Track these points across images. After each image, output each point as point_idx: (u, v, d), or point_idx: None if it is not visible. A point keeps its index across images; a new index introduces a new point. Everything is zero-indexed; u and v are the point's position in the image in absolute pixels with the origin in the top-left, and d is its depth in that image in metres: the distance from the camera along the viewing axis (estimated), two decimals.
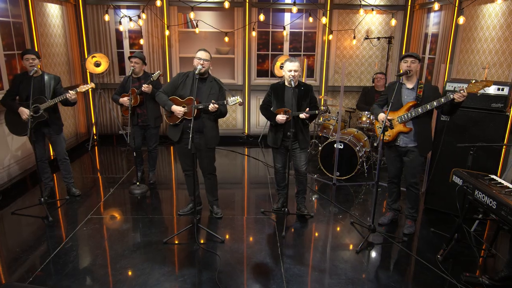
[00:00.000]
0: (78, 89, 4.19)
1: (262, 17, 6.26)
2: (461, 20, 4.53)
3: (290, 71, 3.77)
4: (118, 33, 6.78)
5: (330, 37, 6.80)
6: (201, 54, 3.67)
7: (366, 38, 6.66)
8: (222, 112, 3.77)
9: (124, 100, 4.64)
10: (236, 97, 3.58)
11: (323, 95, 7.04)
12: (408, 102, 3.61)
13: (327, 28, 6.81)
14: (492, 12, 4.65)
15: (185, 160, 3.96)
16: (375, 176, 5.16)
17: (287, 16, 6.81)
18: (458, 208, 3.25)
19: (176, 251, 3.47)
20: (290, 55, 6.88)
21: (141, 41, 6.62)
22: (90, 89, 4.37)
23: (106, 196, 4.62)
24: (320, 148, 5.45)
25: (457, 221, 3.37)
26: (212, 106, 3.56)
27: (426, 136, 3.66)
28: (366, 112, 5.59)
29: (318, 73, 7.14)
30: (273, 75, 7.02)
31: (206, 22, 6.71)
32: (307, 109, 3.79)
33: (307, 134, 4.03)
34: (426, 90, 3.61)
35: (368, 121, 5.52)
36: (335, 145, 5.10)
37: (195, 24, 6.72)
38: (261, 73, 7.16)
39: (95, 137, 6.95)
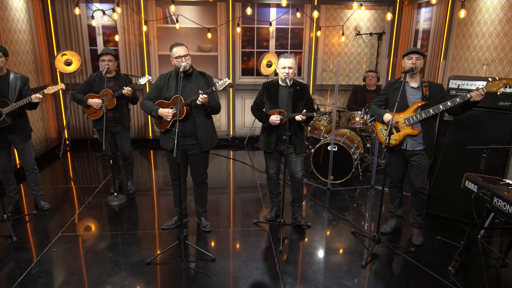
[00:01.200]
0: (45, 91, 3.71)
1: (249, 11, 5.87)
2: (462, 13, 4.31)
3: (284, 68, 3.44)
4: (91, 29, 6.25)
5: (318, 33, 6.51)
6: (180, 50, 3.28)
7: (357, 34, 6.39)
8: (214, 106, 3.39)
9: (95, 101, 4.17)
10: (224, 80, 3.21)
11: (311, 94, 6.73)
12: (416, 102, 3.33)
13: (314, 24, 6.51)
14: (490, 7, 4.46)
15: (176, 169, 3.56)
16: (372, 179, 4.97)
17: (273, 12, 6.47)
18: (463, 214, 3.03)
19: (161, 273, 3.06)
20: (276, 52, 6.54)
21: (116, 38, 6.12)
22: (60, 91, 3.88)
23: (80, 209, 4.14)
24: (312, 150, 5.14)
25: (468, 230, 3.13)
26: (201, 97, 3.17)
27: (432, 137, 3.41)
28: (359, 112, 5.32)
29: (306, 71, 6.83)
30: (259, 73, 6.66)
31: (186, 17, 6.28)
32: (304, 110, 3.47)
33: (302, 137, 3.71)
34: (432, 88, 3.35)
35: (361, 121, 5.25)
36: (328, 147, 4.80)
37: (175, 20, 6.28)
38: (246, 71, 6.79)
39: (67, 142, 6.39)
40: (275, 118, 3.46)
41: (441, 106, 3.19)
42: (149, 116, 6.69)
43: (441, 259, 3.29)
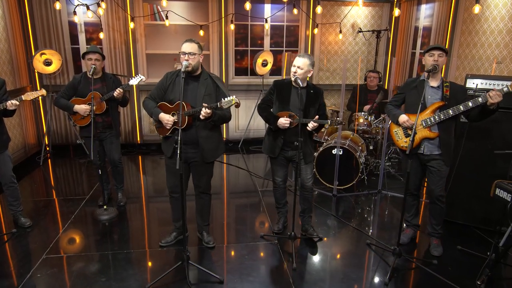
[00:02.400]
0: (23, 97, 3.29)
1: (248, 6, 5.51)
2: (477, 9, 4.10)
3: (294, 66, 3.15)
4: (72, 26, 5.78)
5: (316, 31, 6.23)
6: (186, 47, 2.93)
7: (359, 31, 6.14)
8: (221, 116, 3.03)
9: (83, 108, 3.77)
10: (231, 97, 2.87)
11: None
12: (434, 102, 3.09)
13: (311, 21, 6.24)
14: (499, 2, 4.27)
15: (173, 179, 3.20)
16: (379, 183, 4.73)
17: (267, 8, 6.15)
18: (479, 221, 2.80)
19: None
20: (271, 51, 6.23)
21: (101, 35, 5.67)
22: (40, 97, 3.44)
23: (65, 225, 3.72)
24: (315, 154, 4.86)
25: (494, 242, 2.91)
26: (204, 112, 2.83)
27: (450, 142, 3.16)
28: (363, 113, 5.07)
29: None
30: (253, 73, 6.34)
31: (177, 13, 5.89)
32: (316, 116, 3.17)
33: (312, 144, 3.43)
34: (453, 89, 3.11)
35: (365, 123, 5.00)
36: (333, 151, 4.53)
37: (163, 16, 5.88)
38: (240, 71, 6.46)
39: (47, 149, 5.91)
40: (284, 121, 3.16)
41: (461, 107, 2.95)
42: (141, 119, 6.28)
43: (466, 272, 3.06)
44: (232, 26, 5.95)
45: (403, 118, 3.19)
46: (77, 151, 6.09)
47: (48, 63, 5.37)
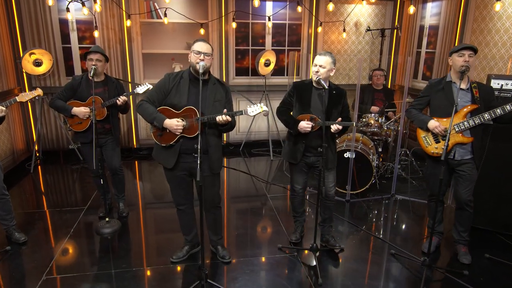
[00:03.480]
0: (18, 98, 2.98)
1: (257, 2, 5.25)
2: (498, 6, 3.96)
3: (315, 66, 2.94)
4: (63, 24, 5.43)
5: (319, 29, 6.04)
6: (201, 46, 2.68)
7: (368, 30, 5.96)
8: (232, 124, 2.81)
9: (82, 110, 3.47)
10: (259, 105, 2.64)
11: None
12: (467, 105, 2.92)
13: (313, 19, 6.04)
14: None
15: (179, 192, 2.95)
16: (392, 187, 4.57)
17: (269, 6, 5.92)
18: (502, 226, 2.66)
19: None
20: (273, 50, 6.01)
21: (96, 34, 5.33)
22: (36, 98, 3.14)
23: (64, 241, 3.42)
24: None
25: None
26: (223, 119, 2.59)
27: (480, 146, 3.01)
28: (373, 114, 4.90)
29: (304, 70, 6.35)
30: (254, 73, 6.11)
31: (176, 11, 5.60)
32: (339, 119, 2.97)
33: (335, 149, 3.22)
34: (481, 90, 2.95)
35: (376, 124, 4.83)
36: (346, 155, 4.34)
37: (161, 14, 5.59)
38: (241, 71, 6.21)
39: (37, 154, 5.53)
40: (306, 125, 2.94)
41: (498, 110, 2.79)
42: (137, 122, 5.96)
43: (500, 283, 2.90)
44: (234, 24, 5.69)
45: (433, 124, 3.01)
46: (69, 157, 5.74)
47: (38, 63, 5.02)
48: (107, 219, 3.61)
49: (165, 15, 5.40)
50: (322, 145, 2.83)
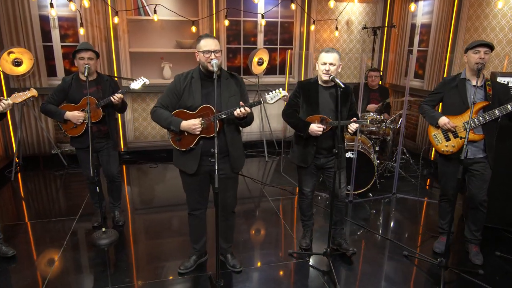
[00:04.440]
0: (10, 100, 2.72)
1: None
2: (500, 4, 3.97)
3: (325, 64, 2.83)
4: (44, 21, 5.10)
5: (312, 27, 5.95)
6: (210, 44, 2.52)
7: (364, 28, 5.91)
8: (251, 117, 2.68)
9: (75, 114, 3.22)
10: (277, 90, 2.50)
11: None
12: (478, 102, 2.88)
13: (306, 17, 5.95)
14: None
15: (195, 196, 2.79)
16: (393, 186, 4.52)
17: (260, 3, 5.78)
18: (509, 223, 2.64)
19: None
20: (265, 48, 5.87)
21: (81, 31, 5.02)
22: (30, 99, 2.88)
23: (58, 254, 3.14)
24: None
25: None
26: (242, 111, 2.44)
27: (494, 144, 2.99)
28: (371, 113, 4.85)
29: (297, 69, 6.25)
30: (246, 72, 5.96)
31: (166, 7, 5.36)
32: (354, 118, 2.87)
33: (344, 149, 3.13)
34: (496, 88, 2.93)
35: (375, 123, 4.78)
36: (347, 154, 4.25)
37: (149, 11, 5.34)
38: (233, 70, 6.00)
39: (16, 160, 5.16)
40: (317, 128, 2.82)
41: (509, 106, 2.77)
42: (125, 124, 5.67)
43: None
44: (226, 22, 5.51)
45: (443, 120, 2.97)
46: (50, 162, 5.38)
47: (17, 63, 4.67)
48: (103, 229, 3.36)
49: (155, 12, 5.15)
50: (337, 146, 2.73)
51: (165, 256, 3.17)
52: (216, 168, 2.25)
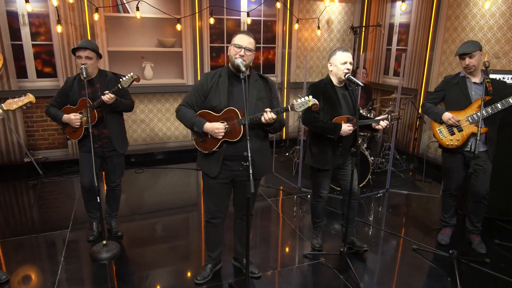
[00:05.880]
0: (4, 106, 2.46)
1: None
2: (487, 4, 4.17)
3: (345, 63, 2.82)
4: (12, 18, 4.66)
5: (296, 26, 5.95)
6: (243, 39, 2.40)
7: (351, 28, 5.97)
8: (281, 123, 2.58)
9: (71, 117, 2.97)
10: (306, 98, 2.41)
11: (285, 92, 6.21)
12: (479, 98, 3.01)
13: (288, 16, 5.94)
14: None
15: (216, 202, 2.65)
16: (387, 182, 4.63)
17: (243, 1, 5.69)
18: (499, 212, 2.78)
19: None
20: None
21: (58, 29, 4.64)
22: (27, 105, 2.60)
23: (58, 273, 2.87)
24: None
25: None
26: (269, 116, 2.34)
27: (494, 138, 3.13)
28: (361, 111, 4.92)
29: (280, 68, 6.23)
30: None
31: (148, 4, 5.10)
32: (385, 115, 2.92)
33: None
34: (495, 84, 3.07)
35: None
36: None
37: (128, 8, 5.07)
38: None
39: None
40: (349, 128, 2.79)
41: (510, 100, 2.92)
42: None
43: None
44: (212, 20, 5.35)
45: (447, 115, 3.08)
46: (21, 171, 4.94)
47: None
48: (104, 242, 3.12)
49: (137, 9, 4.89)
50: (356, 145, 2.73)
51: (174, 266, 3.01)
52: (250, 171, 2.14)
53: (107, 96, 2.93)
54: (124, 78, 2.91)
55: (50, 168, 5.07)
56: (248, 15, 5.56)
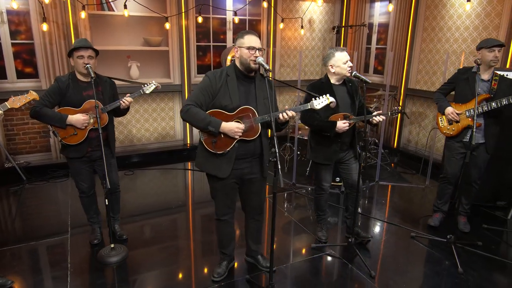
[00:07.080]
0: (7, 104, 2.38)
1: None
2: (468, 6, 4.44)
3: (347, 62, 2.95)
4: None
5: (281, 25, 6.05)
6: (256, 41, 2.45)
7: (334, 27, 6.13)
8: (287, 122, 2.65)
9: (80, 118, 2.86)
10: (324, 96, 2.50)
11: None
12: (481, 94, 3.23)
13: (272, 15, 6.03)
14: (463, 1, 4.74)
15: (226, 201, 2.67)
16: (376, 175, 4.83)
17: (229, 1, 5.70)
18: (484, 199, 3.04)
19: None
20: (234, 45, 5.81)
21: (44, 27, 4.43)
22: (31, 102, 2.50)
23: (67, 281, 2.77)
24: None
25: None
26: (289, 114, 2.42)
27: (493, 134, 3.35)
28: None
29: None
30: None
31: (135, 1, 4.99)
32: (376, 112, 3.06)
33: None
34: (501, 83, 3.27)
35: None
36: None
37: (113, 6, 4.94)
38: (203, 69, 5.86)
39: None
40: (344, 125, 2.92)
41: (504, 100, 3.14)
42: None
43: (509, 248, 3.32)
44: (200, 19, 5.33)
45: (449, 110, 3.33)
46: (2, 176, 4.68)
47: None
48: (112, 245, 3.05)
49: (125, 7, 4.77)
50: (364, 140, 2.87)
51: (188, 265, 3.01)
52: (279, 167, 2.19)
53: (128, 100, 2.92)
54: (147, 85, 3.02)
55: (33, 173, 4.84)
56: (235, 14, 5.58)
